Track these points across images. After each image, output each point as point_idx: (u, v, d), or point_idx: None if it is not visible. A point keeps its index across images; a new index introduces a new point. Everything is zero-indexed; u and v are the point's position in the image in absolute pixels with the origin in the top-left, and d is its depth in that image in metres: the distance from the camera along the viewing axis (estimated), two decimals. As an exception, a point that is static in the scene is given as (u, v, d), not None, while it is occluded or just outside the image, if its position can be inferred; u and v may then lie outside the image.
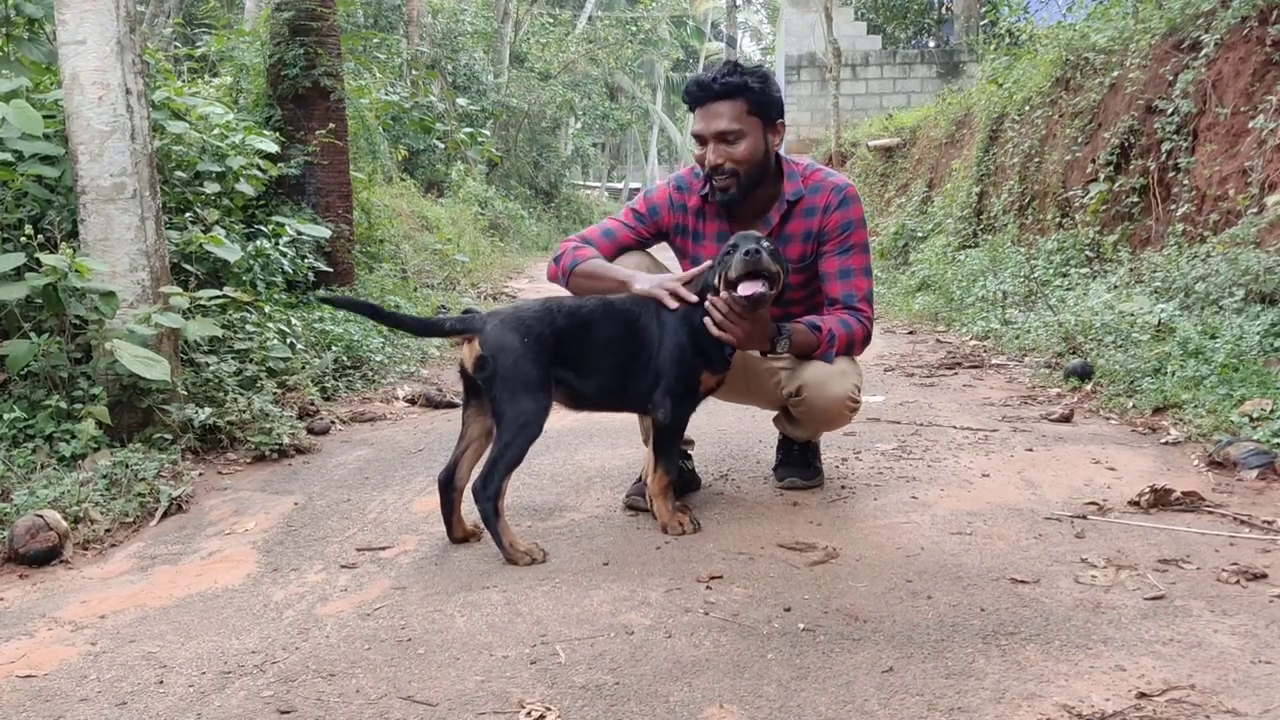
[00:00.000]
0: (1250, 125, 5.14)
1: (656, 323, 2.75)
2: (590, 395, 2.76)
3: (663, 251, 3.13)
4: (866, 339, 2.96)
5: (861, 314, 2.92)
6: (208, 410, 3.76)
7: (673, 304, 2.69)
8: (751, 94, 2.79)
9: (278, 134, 6.12)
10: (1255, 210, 4.88)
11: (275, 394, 4.23)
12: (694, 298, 2.70)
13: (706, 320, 2.66)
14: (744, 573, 2.46)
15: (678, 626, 2.16)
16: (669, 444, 2.78)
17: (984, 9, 11.79)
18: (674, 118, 37.62)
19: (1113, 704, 1.77)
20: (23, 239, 3.58)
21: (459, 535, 2.76)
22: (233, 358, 4.28)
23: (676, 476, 2.86)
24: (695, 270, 2.78)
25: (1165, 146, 5.93)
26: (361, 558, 2.70)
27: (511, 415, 2.57)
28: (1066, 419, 4.03)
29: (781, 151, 2.97)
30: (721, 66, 2.87)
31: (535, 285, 11.43)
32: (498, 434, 2.60)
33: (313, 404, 4.44)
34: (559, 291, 2.92)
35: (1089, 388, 4.47)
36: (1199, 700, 1.78)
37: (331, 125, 6.44)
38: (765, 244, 2.61)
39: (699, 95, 2.83)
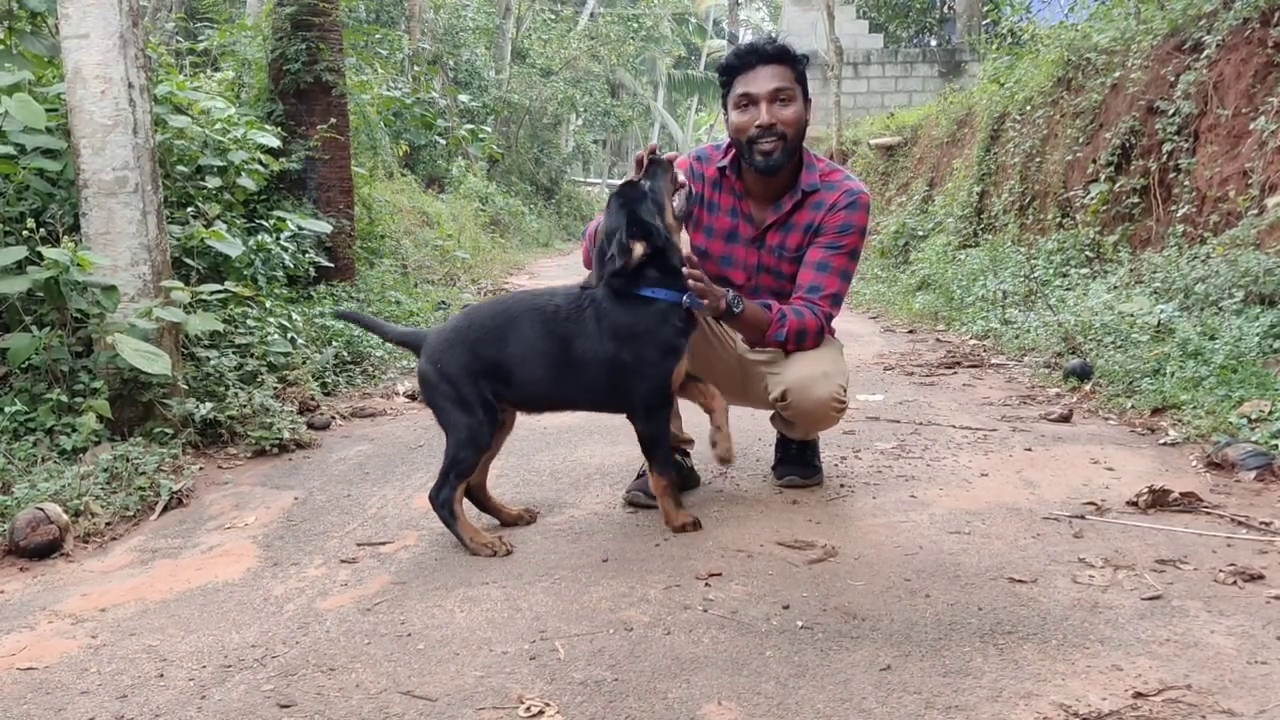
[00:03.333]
0: (1251, 127, 5.14)
1: (598, 326, 2.60)
2: (534, 403, 2.75)
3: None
4: (820, 333, 2.93)
5: (818, 308, 2.91)
6: (208, 405, 3.77)
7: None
8: (798, 64, 2.88)
9: (279, 129, 6.13)
10: (1255, 212, 4.89)
11: (276, 389, 4.24)
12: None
13: (692, 296, 2.62)
14: (743, 570, 2.47)
15: (676, 623, 2.17)
16: (654, 449, 2.73)
17: (986, 8, 11.78)
18: (675, 114, 37.59)
19: (1109, 703, 1.78)
20: (24, 232, 3.58)
21: (508, 521, 2.87)
22: (234, 352, 4.29)
23: (675, 475, 2.84)
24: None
25: (1166, 147, 5.93)
26: (361, 553, 2.71)
27: (452, 434, 2.66)
28: (1065, 419, 4.03)
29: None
30: (764, 37, 2.93)
31: (535, 281, 11.44)
32: (446, 448, 2.67)
33: (313, 399, 4.45)
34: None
35: (1088, 388, 4.47)
36: (1195, 700, 1.78)
37: (333, 120, 6.44)
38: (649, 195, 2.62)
39: (751, 58, 2.85)
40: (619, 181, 2.85)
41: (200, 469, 3.53)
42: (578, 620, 2.20)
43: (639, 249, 2.57)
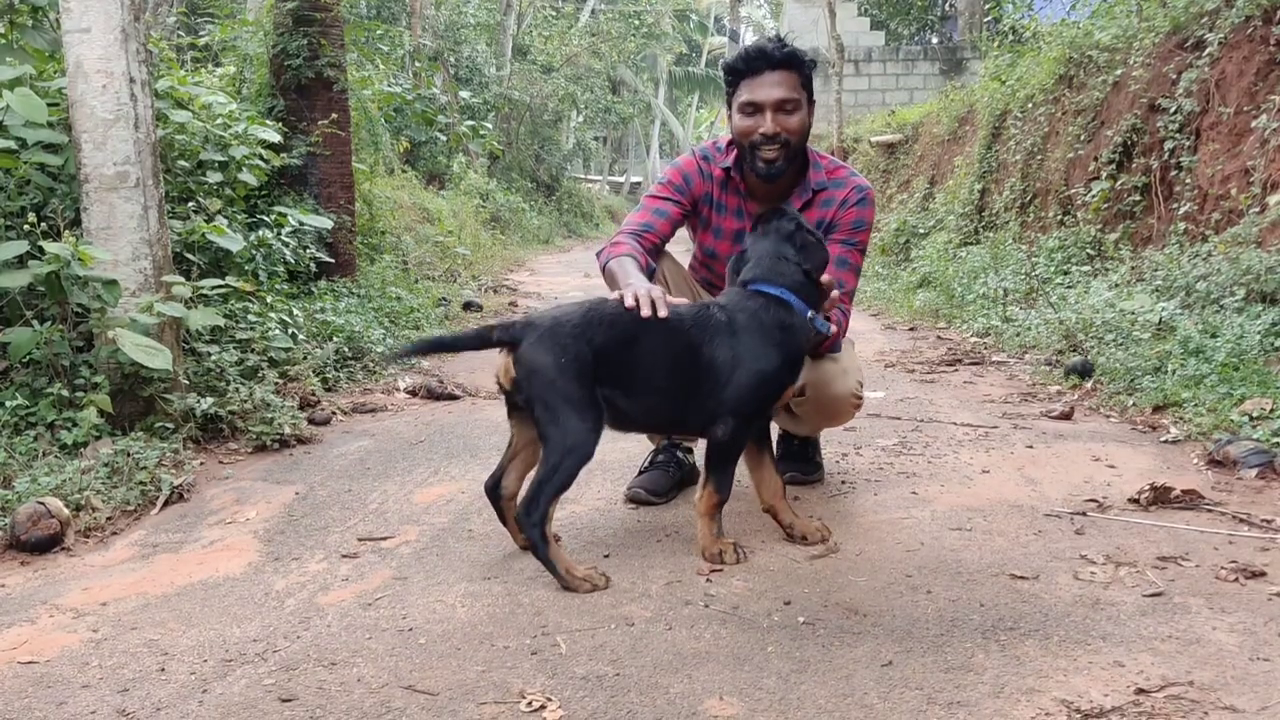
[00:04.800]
0: (1253, 125, 5.14)
1: (731, 339, 2.44)
2: (640, 419, 2.52)
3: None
4: (840, 334, 2.95)
5: (843, 306, 2.90)
6: (209, 400, 3.76)
7: (646, 311, 2.38)
8: (805, 68, 2.82)
9: (280, 124, 6.12)
10: (1257, 210, 4.88)
11: (277, 384, 4.23)
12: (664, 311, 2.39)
13: (818, 318, 2.53)
14: (744, 566, 2.47)
15: (678, 619, 2.17)
16: (726, 461, 2.48)
17: (988, 6, 11.76)
18: (676, 112, 37.56)
19: (1111, 700, 1.78)
20: (26, 227, 3.57)
21: (521, 545, 2.56)
22: (234, 347, 4.29)
23: (728, 497, 2.54)
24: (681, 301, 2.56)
25: (1168, 145, 5.92)
26: (363, 548, 2.71)
27: (557, 437, 2.34)
28: (1067, 416, 4.03)
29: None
30: (772, 39, 2.86)
31: (536, 279, 11.43)
32: (544, 455, 2.37)
33: (314, 394, 4.44)
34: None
35: (1089, 385, 4.47)
36: (1197, 697, 1.78)
37: (334, 116, 6.43)
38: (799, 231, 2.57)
39: (758, 63, 2.79)
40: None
41: (201, 464, 3.53)
42: (579, 615, 2.20)
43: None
